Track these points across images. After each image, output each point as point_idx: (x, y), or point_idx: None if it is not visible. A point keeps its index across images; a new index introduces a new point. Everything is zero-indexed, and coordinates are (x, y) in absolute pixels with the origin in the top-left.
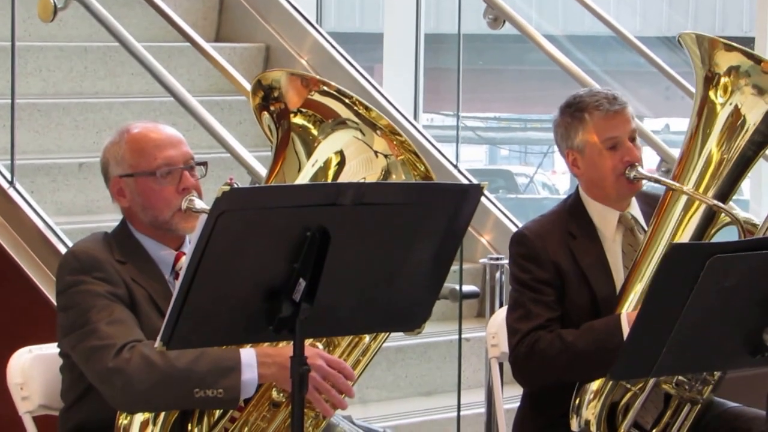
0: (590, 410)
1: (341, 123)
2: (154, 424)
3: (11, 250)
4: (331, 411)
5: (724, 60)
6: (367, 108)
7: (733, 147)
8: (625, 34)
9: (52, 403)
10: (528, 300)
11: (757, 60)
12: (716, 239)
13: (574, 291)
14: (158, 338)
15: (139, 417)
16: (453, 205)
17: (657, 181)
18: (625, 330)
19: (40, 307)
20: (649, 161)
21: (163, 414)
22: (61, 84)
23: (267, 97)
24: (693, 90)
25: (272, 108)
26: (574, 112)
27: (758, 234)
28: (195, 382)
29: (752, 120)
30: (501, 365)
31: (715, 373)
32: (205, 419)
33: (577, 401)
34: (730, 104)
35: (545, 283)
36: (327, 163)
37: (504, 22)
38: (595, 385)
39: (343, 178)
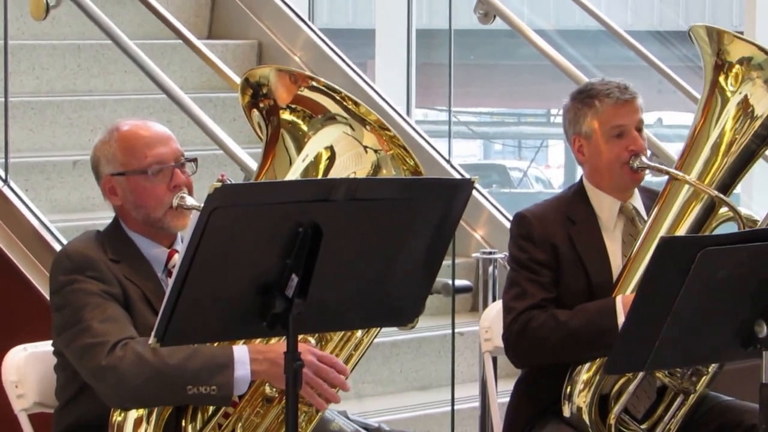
0: (582, 397)
1: (331, 118)
2: (148, 421)
3: (6, 248)
4: (324, 405)
5: (736, 50)
6: (356, 103)
7: (739, 138)
8: (616, 29)
9: (48, 400)
10: (524, 279)
11: None
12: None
13: (569, 275)
14: (152, 335)
15: (133, 414)
16: (445, 199)
17: (661, 170)
18: (619, 313)
19: (35, 305)
20: None
21: (156, 411)
22: (55, 82)
23: (256, 93)
24: (684, 84)
25: (261, 105)
26: (584, 98)
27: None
28: (188, 378)
29: (760, 111)
30: (495, 359)
31: (711, 365)
32: (199, 415)
33: (568, 388)
34: (740, 93)
35: (542, 264)
36: (317, 159)
37: (494, 17)
38: (587, 372)
39: (334, 174)
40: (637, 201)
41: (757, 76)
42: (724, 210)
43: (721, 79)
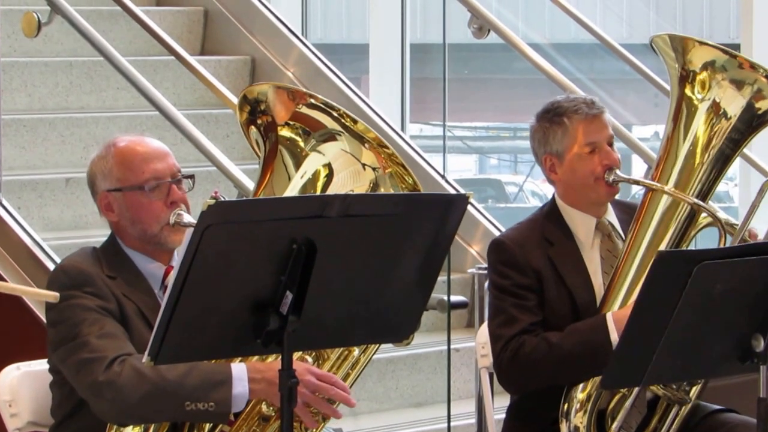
0: (579, 415)
1: (329, 136)
2: None
3: None
4: (316, 424)
5: (698, 57)
6: (354, 120)
7: (712, 144)
8: (611, 43)
9: (42, 419)
10: (510, 306)
11: (732, 54)
12: (697, 240)
13: (553, 297)
14: (146, 353)
15: None
16: (439, 215)
17: (637, 182)
18: (611, 329)
19: (28, 324)
20: (637, 169)
21: (152, 429)
22: (47, 99)
23: (254, 110)
24: None
25: (259, 121)
26: (552, 117)
27: (737, 235)
28: (186, 395)
29: (732, 112)
30: (491, 375)
31: None
32: None
33: (565, 407)
34: (709, 99)
35: (526, 289)
36: (315, 176)
37: (489, 31)
38: (582, 391)
39: (332, 191)
40: (611, 216)
41: (722, 78)
42: (704, 216)
43: (688, 89)
